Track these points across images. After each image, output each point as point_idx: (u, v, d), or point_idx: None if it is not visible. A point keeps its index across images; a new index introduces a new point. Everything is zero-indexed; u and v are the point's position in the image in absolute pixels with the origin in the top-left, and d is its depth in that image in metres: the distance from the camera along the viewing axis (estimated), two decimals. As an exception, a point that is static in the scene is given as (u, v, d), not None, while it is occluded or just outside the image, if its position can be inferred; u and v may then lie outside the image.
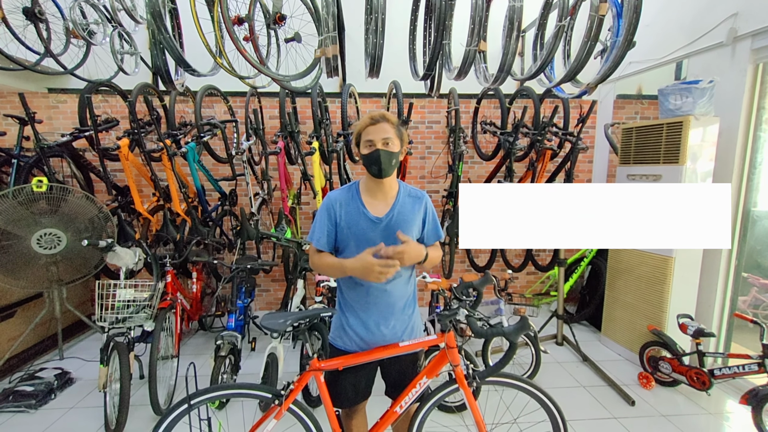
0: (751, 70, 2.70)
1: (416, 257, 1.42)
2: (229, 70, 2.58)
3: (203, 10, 2.35)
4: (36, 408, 2.53)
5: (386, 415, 1.55)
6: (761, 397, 2.18)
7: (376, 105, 4.19)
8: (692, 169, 2.74)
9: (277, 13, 2.61)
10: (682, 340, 2.68)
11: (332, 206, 1.50)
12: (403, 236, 1.39)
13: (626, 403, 2.59)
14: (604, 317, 3.45)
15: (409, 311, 1.57)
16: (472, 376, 1.51)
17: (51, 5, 2.82)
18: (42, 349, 3.21)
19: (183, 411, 1.47)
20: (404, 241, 1.38)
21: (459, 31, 2.86)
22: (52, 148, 2.96)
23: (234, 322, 2.64)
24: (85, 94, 2.99)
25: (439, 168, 4.32)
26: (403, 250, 1.35)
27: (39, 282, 2.86)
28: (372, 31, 2.60)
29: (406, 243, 1.38)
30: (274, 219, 3.80)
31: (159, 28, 2.42)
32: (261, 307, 4.38)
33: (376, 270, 1.32)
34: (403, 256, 1.36)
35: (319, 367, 1.50)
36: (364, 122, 1.45)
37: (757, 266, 2.90)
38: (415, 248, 1.40)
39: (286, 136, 3.48)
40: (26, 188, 2.62)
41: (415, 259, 1.43)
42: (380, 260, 1.33)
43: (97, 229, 2.89)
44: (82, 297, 3.66)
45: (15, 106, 3.81)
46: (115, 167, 3.79)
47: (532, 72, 2.96)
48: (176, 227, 3.31)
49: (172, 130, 3.29)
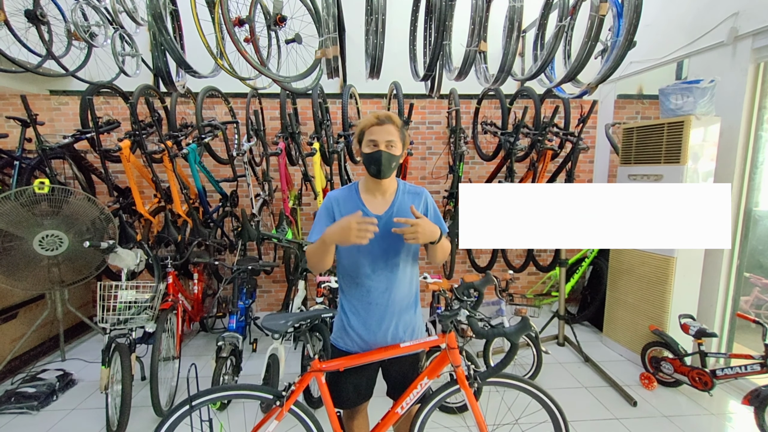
0: (752, 70, 2.70)
1: (430, 234, 1.39)
2: (230, 72, 2.58)
3: (204, 12, 2.35)
4: (38, 409, 2.53)
5: (387, 416, 1.55)
6: (764, 397, 2.17)
7: (376, 106, 4.20)
8: (693, 168, 2.73)
9: (277, 14, 2.62)
10: (683, 340, 2.67)
11: (331, 205, 1.50)
12: (417, 212, 1.38)
13: (628, 404, 2.59)
14: (606, 318, 3.45)
15: (411, 312, 1.57)
16: (473, 377, 1.51)
17: (52, 7, 2.83)
18: (44, 350, 3.21)
19: (184, 412, 1.47)
20: (418, 216, 1.37)
21: (459, 32, 2.86)
22: (54, 150, 2.97)
23: (235, 323, 2.64)
24: (87, 95, 3.00)
25: (439, 169, 4.32)
26: (417, 223, 1.34)
27: (41, 283, 2.87)
28: (372, 32, 2.60)
29: (420, 218, 1.37)
30: (275, 220, 3.80)
31: (160, 29, 2.42)
32: (262, 308, 4.38)
33: (354, 228, 1.28)
34: (417, 230, 1.34)
35: (320, 368, 1.50)
36: (369, 121, 1.44)
37: (759, 266, 2.89)
38: (429, 224, 1.39)
39: (286, 137, 3.48)
40: (28, 190, 2.62)
41: (429, 236, 1.38)
42: (360, 217, 1.30)
43: (99, 230, 2.90)
44: (83, 298, 3.67)
45: (17, 108, 3.82)
46: (117, 169, 3.80)
47: (532, 72, 2.96)
48: (177, 228, 3.32)
49: (173, 132, 3.29)
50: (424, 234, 1.36)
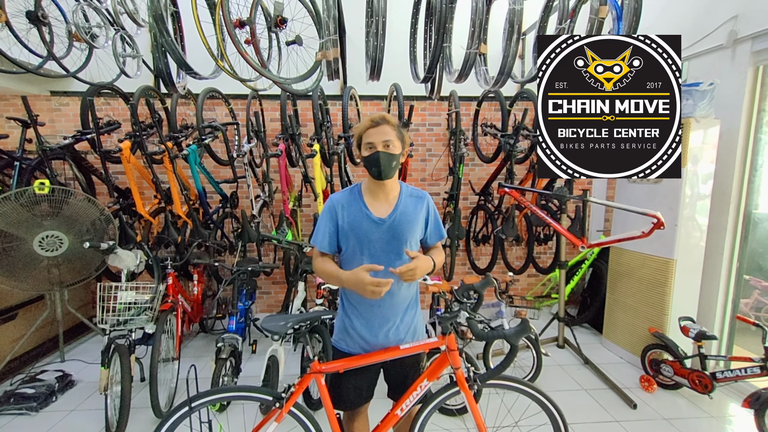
0: (752, 73, 2.70)
1: (426, 270, 1.43)
2: (230, 73, 2.59)
3: (205, 14, 2.37)
4: (37, 410, 2.53)
5: (387, 418, 1.55)
6: (764, 400, 2.17)
7: (376, 107, 4.20)
8: (693, 171, 2.74)
9: (278, 16, 2.62)
10: (683, 342, 2.67)
11: (334, 209, 1.50)
12: (412, 253, 1.40)
13: (628, 407, 2.58)
14: (606, 320, 3.45)
15: (411, 313, 1.58)
16: (473, 379, 1.51)
17: (54, 9, 2.83)
18: (43, 351, 3.21)
19: (184, 413, 1.47)
20: (413, 257, 1.39)
21: (459, 34, 2.87)
22: (54, 151, 2.97)
23: (235, 324, 2.64)
24: (88, 96, 3.00)
25: (439, 170, 4.32)
26: (414, 267, 1.36)
27: (40, 284, 2.86)
28: (373, 34, 2.61)
29: (415, 259, 1.38)
30: (275, 221, 3.80)
31: (161, 31, 2.43)
32: (262, 309, 4.38)
33: (369, 288, 1.33)
34: (414, 272, 1.37)
35: (320, 370, 1.50)
36: (365, 125, 1.46)
37: (758, 269, 2.89)
38: (424, 262, 1.41)
39: (287, 138, 3.48)
40: (28, 190, 2.63)
41: (425, 272, 1.43)
42: (373, 279, 1.34)
43: (99, 231, 2.90)
44: (83, 299, 3.66)
45: (18, 108, 3.83)
46: (117, 169, 3.80)
47: (532, 74, 2.97)
48: (177, 229, 3.32)
49: (173, 133, 3.30)
50: (421, 272, 1.40)
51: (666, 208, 2.67)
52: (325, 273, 1.49)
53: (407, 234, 1.47)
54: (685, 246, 2.78)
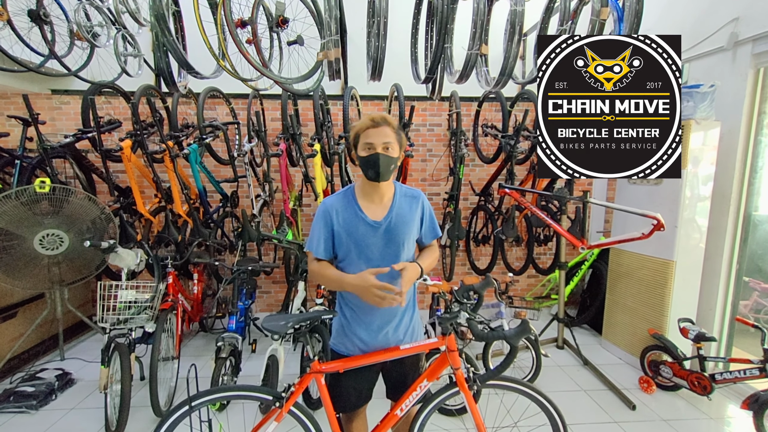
0: (752, 75, 2.71)
1: (414, 278, 1.43)
2: (231, 73, 2.59)
3: (206, 13, 2.37)
4: (37, 409, 2.53)
5: (387, 418, 1.55)
6: (762, 402, 2.17)
7: (377, 108, 4.21)
8: (693, 173, 2.74)
9: (279, 16, 2.63)
10: (683, 344, 2.67)
11: (328, 213, 1.46)
12: (398, 265, 1.39)
13: (627, 408, 2.59)
14: (605, 321, 3.45)
15: (410, 313, 1.58)
16: (472, 380, 1.51)
17: (55, 7, 2.84)
18: (43, 349, 3.21)
19: (184, 412, 1.47)
20: (401, 269, 1.38)
21: (461, 35, 2.87)
22: (55, 149, 2.98)
23: (235, 323, 2.64)
24: (89, 95, 3.01)
25: (440, 171, 4.33)
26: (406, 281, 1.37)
27: (41, 283, 2.87)
28: (374, 35, 2.62)
29: (404, 270, 1.38)
30: (276, 221, 3.80)
31: (162, 30, 2.44)
32: (262, 308, 4.38)
33: (374, 293, 1.33)
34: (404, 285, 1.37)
35: (320, 370, 1.50)
36: (365, 123, 1.41)
37: (758, 270, 2.90)
38: (411, 272, 1.40)
39: (287, 138, 3.49)
40: (29, 189, 2.63)
41: (414, 280, 1.43)
42: (380, 283, 1.33)
43: (99, 230, 2.90)
44: (83, 298, 3.66)
45: (19, 107, 3.83)
46: (118, 168, 3.80)
47: (533, 75, 2.97)
48: (178, 228, 3.32)
49: (174, 132, 3.30)
50: (411, 282, 1.42)
51: (666, 210, 2.67)
52: (324, 277, 1.46)
53: (403, 236, 1.46)
54: (685, 247, 2.78)
